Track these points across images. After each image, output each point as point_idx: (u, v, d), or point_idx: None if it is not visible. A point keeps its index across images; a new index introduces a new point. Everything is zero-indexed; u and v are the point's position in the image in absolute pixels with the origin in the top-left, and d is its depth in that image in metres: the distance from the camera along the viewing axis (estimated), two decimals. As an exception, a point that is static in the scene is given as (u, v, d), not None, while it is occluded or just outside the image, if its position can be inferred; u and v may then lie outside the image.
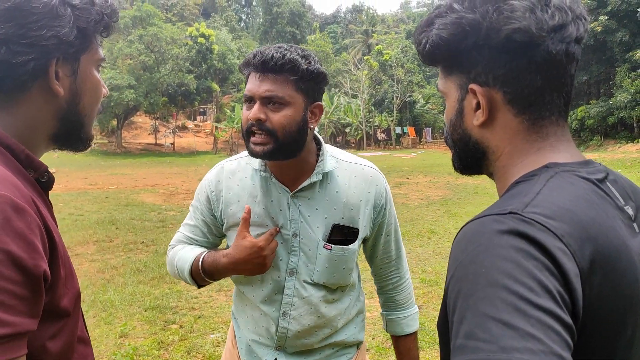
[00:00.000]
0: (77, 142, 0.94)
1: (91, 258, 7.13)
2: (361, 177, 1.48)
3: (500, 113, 0.78)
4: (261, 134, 1.31)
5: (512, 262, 0.60)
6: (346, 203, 1.45)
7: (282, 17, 63.18)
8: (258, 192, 1.46)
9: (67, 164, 28.03)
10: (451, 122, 0.85)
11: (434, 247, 7.53)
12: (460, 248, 0.68)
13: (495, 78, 0.76)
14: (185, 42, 44.91)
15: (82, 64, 0.88)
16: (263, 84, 1.31)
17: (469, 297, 0.61)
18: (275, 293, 1.47)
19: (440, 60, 0.83)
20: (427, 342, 4.09)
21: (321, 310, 1.47)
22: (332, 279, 1.46)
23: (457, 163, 0.89)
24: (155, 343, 4.19)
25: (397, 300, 1.65)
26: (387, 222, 1.54)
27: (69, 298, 0.81)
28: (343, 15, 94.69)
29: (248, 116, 1.32)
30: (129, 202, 12.84)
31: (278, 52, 1.30)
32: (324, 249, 1.43)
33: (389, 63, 45.12)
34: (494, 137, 0.80)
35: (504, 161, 0.81)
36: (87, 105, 0.92)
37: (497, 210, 0.69)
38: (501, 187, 0.82)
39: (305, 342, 1.49)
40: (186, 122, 54.67)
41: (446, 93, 0.85)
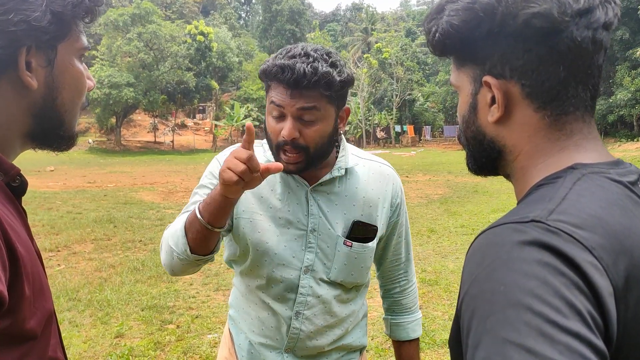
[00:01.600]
0: (57, 141, 0.85)
1: (89, 257, 7.08)
2: (379, 174, 1.46)
3: (518, 108, 0.70)
4: (293, 152, 1.26)
5: (536, 279, 0.53)
6: (365, 200, 1.41)
7: (282, 15, 63.10)
8: (276, 182, 1.39)
9: (66, 162, 27.98)
10: (464, 118, 0.78)
11: (433, 246, 7.49)
12: (475, 261, 0.60)
13: (512, 69, 0.68)
14: (185, 40, 44.79)
15: (60, 53, 0.79)
16: (295, 100, 1.23)
17: (486, 319, 0.53)
18: (287, 292, 1.39)
19: (451, 50, 0.76)
20: (427, 343, 4.04)
21: (334, 310, 1.42)
22: (349, 278, 1.41)
23: (471, 163, 0.81)
24: (152, 343, 4.14)
25: (404, 305, 1.60)
26: (400, 223, 1.51)
27: (37, 319, 0.72)
28: (342, 13, 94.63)
29: (282, 133, 1.25)
30: (128, 201, 12.78)
31: (309, 66, 1.20)
32: (344, 245, 1.38)
33: (388, 61, 45.05)
34: (511, 135, 0.72)
35: (522, 162, 0.73)
36: (67, 100, 0.82)
37: (517, 217, 0.61)
38: (520, 190, 0.74)
39: (316, 343, 1.43)
40: (185, 120, 54.57)
41: (459, 87, 0.78)
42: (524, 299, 0.52)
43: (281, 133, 1.25)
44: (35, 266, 0.73)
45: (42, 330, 0.73)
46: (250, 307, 1.47)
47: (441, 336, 4.14)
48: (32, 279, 0.70)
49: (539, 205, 0.62)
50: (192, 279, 5.92)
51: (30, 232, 0.80)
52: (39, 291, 0.73)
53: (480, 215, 9.86)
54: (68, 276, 6.09)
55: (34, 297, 0.71)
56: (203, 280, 5.87)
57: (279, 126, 1.26)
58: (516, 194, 0.76)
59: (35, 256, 0.75)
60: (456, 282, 5.57)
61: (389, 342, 4.01)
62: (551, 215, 0.59)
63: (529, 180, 0.72)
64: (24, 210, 0.81)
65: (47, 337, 0.76)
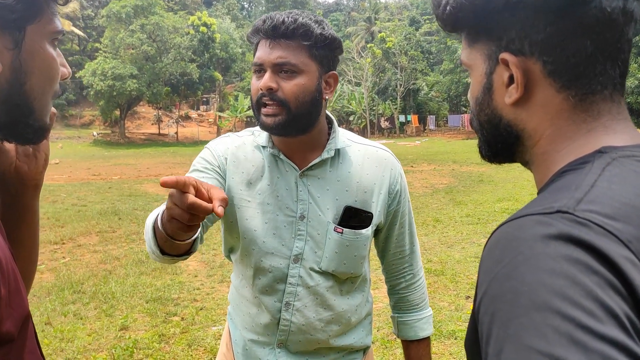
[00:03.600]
0: (26, 132, 0.78)
1: (93, 249, 7.08)
2: (375, 159, 1.39)
3: (539, 88, 0.63)
4: (272, 105, 1.22)
5: (565, 278, 0.46)
6: (359, 185, 1.34)
7: (285, 5, 62.73)
8: (265, 168, 1.34)
9: (71, 154, 28.04)
10: (477, 100, 0.70)
11: (439, 235, 7.44)
12: (494, 258, 0.53)
13: (533, 45, 0.62)
14: (187, 31, 44.65)
15: (29, 36, 0.73)
16: (274, 51, 1.22)
17: (509, 323, 0.47)
18: (277, 282, 1.33)
19: (463, 25, 0.68)
20: (434, 334, 3.98)
21: (329, 302, 1.35)
22: (341, 267, 1.34)
23: (485, 149, 0.74)
24: (156, 336, 4.12)
25: (410, 301, 1.50)
26: (401, 212, 1.43)
27: (13, 320, 0.67)
28: (346, 3, 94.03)
29: (258, 86, 1.24)
30: (132, 193, 12.79)
31: (289, 16, 1.21)
32: (335, 232, 1.31)
33: (392, 51, 44.76)
34: (531, 117, 0.65)
35: (544, 146, 0.66)
36: (37, 86, 0.76)
37: (540, 208, 0.54)
38: (540, 178, 0.67)
39: (310, 338, 1.35)
40: (189, 111, 54.53)
41: (471, 66, 0.70)
42: (552, 300, 0.45)
43: (258, 85, 1.24)
44: (11, 264, 0.69)
45: (19, 332, 0.69)
46: (242, 302, 1.42)
47: (448, 327, 4.10)
48: (7, 279, 0.66)
49: (564, 194, 0.55)
50: (197, 271, 5.90)
51: (2, 230, 0.75)
52: (16, 291, 0.69)
53: (486, 205, 9.80)
54: (73, 269, 6.08)
55: (10, 297, 0.66)
56: (208, 272, 5.85)
57: (258, 83, 1.25)
58: (536, 182, 0.69)
59: (9, 254, 0.70)
60: (462, 272, 5.53)
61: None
62: (579, 204, 0.52)
63: (551, 166, 0.65)
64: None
65: (24, 339, 0.72)
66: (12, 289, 0.67)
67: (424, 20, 61.07)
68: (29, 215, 0.95)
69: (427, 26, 57.30)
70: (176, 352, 3.86)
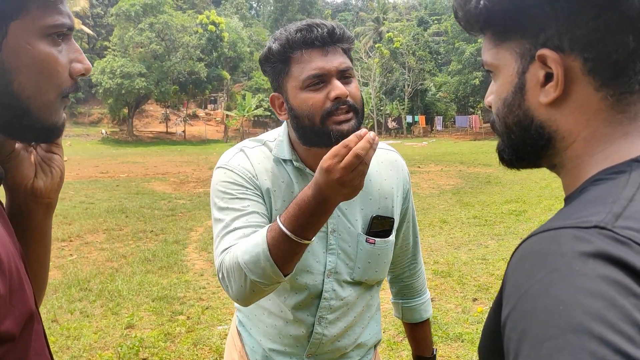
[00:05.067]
0: (27, 133, 0.76)
1: (100, 247, 7.10)
2: (388, 162, 1.39)
3: (578, 87, 0.60)
4: (346, 111, 1.17)
5: (603, 299, 0.43)
6: (380, 192, 1.35)
7: (293, 5, 62.71)
8: (293, 182, 1.29)
9: (80, 152, 28.16)
10: (506, 101, 0.66)
11: (445, 237, 7.41)
12: (525, 271, 0.50)
13: (573, 41, 0.58)
14: (196, 30, 44.74)
15: (12, 33, 0.69)
16: (334, 58, 1.18)
17: (542, 344, 0.44)
18: (312, 298, 1.31)
19: (496, 21, 0.64)
20: (440, 336, 3.98)
21: (357, 310, 1.38)
22: (373, 275, 1.35)
23: (509, 153, 0.70)
24: (162, 334, 4.13)
25: (414, 287, 1.57)
26: (408, 208, 1.46)
27: (14, 319, 0.66)
28: (354, 3, 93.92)
29: (332, 95, 1.15)
30: (140, 191, 12.83)
31: (329, 23, 1.19)
32: (367, 243, 1.31)
33: (400, 51, 44.64)
34: (567, 118, 0.62)
35: (577, 149, 0.62)
36: (29, 85, 0.72)
37: (576, 221, 0.51)
38: (570, 183, 0.64)
39: (338, 345, 1.37)
40: (197, 110, 54.64)
41: (497, 66, 0.67)
42: (589, 323, 0.42)
43: (330, 95, 1.16)
44: (14, 262, 0.67)
45: (21, 331, 0.68)
46: (264, 314, 1.38)
47: (454, 330, 4.08)
48: (8, 276, 0.64)
49: (601, 207, 0.52)
50: (203, 270, 5.91)
51: (9, 226, 0.75)
52: (19, 289, 0.67)
53: (493, 206, 9.75)
54: (80, 266, 6.11)
55: (12, 296, 0.65)
56: (214, 271, 5.82)
57: (320, 94, 1.17)
58: (565, 187, 0.66)
59: (13, 252, 0.69)
60: (469, 274, 5.50)
61: (401, 335, 3.96)
62: (618, 220, 0.49)
63: (583, 171, 0.62)
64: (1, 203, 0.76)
65: (28, 339, 0.71)
66: (15, 287, 0.66)
67: (432, 20, 60.89)
68: (39, 234, 0.90)
69: (436, 27, 57.12)
70: (182, 351, 3.86)
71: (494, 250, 6.48)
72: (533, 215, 8.67)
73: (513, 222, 8.28)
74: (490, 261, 5.92)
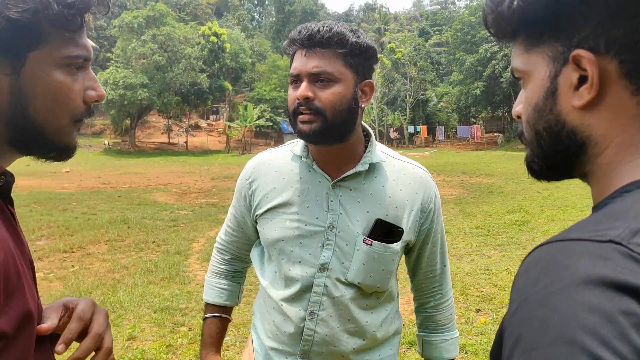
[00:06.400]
0: (44, 152, 0.82)
1: (102, 258, 7.09)
2: (411, 176, 1.38)
3: (613, 90, 0.57)
4: (309, 113, 1.23)
5: (600, 315, 0.42)
6: (392, 200, 1.33)
7: (295, 16, 63.17)
8: (296, 178, 1.36)
9: (82, 163, 28.24)
10: (536, 107, 0.63)
11: (448, 247, 7.32)
12: (530, 278, 0.49)
13: (610, 42, 0.56)
14: (198, 42, 45.03)
15: (30, 62, 0.75)
16: (310, 60, 1.23)
17: (531, 352, 0.44)
18: (303, 291, 1.34)
19: (528, 24, 0.62)
20: (443, 347, 3.95)
21: (354, 315, 1.34)
22: (368, 280, 1.33)
23: (539, 162, 0.67)
24: (164, 346, 4.10)
25: (438, 321, 1.49)
26: (434, 231, 1.42)
27: (9, 319, 0.68)
28: (356, 14, 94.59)
29: (295, 96, 1.24)
30: (142, 201, 12.83)
31: (325, 25, 1.23)
32: (364, 243, 1.31)
33: (401, 61, 44.84)
34: (600, 122, 0.58)
35: (610, 156, 0.59)
36: (43, 110, 0.78)
37: (591, 234, 0.49)
38: (600, 191, 0.61)
39: (333, 350, 1.35)
40: (199, 121, 54.82)
41: (528, 72, 0.64)
42: (581, 337, 0.42)
43: (295, 95, 1.25)
44: (13, 265, 0.70)
45: (15, 331, 0.70)
46: (268, 311, 1.43)
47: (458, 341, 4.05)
48: (3, 277, 0.67)
49: (620, 222, 0.49)
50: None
51: (16, 231, 0.78)
52: (17, 289, 0.70)
53: (496, 216, 9.73)
54: (81, 277, 6.09)
55: (6, 295, 0.68)
56: (216, 282, 5.83)
57: (295, 93, 1.25)
58: (594, 195, 0.63)
59: (13, 254, 0.72)
60: (472, 284, 5.47)
61: (404, 347, 3.93)
62: (635, 237, 0.47)
63: (614, 180, 0.59)
64: (9, 209, 0.79)
65: (27, 340, 0.73)
66: (12, 288, 0.69)
67: (433, 31, 61.19)
68: None
69: (437, 37, 57.41)
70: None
71: (496, 260, 6.45)
72: (536, 226, 8.64)
73: (516, 232, 8.26)
74: (493, 271, 5.90)
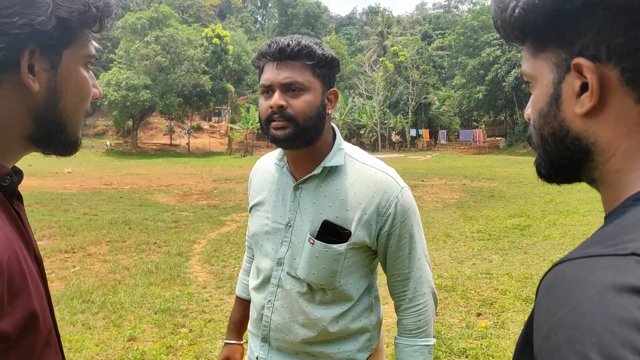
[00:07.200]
0: (59, 146, 0.86)
1: (103, 258, 7.10)
2: (369, 179, 1.41)
3: (615, 98, 0.57)
4: (282, 120, 1.32)
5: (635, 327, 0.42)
6: (344, 202, 1.40)
7: (298, 19, 63.23)
8: (272, 179, 1.52)
9: (84, 163, 28.28)
10: (541, 112, 0.64)
11: (449, 251, 7.38)
12: (557, 297, 0.49)
13: (611, 50, 0.56)
14: (201, 43, 45.11)
15: (64, 59, 0.80)
16: (281, 72, 1.33)
17: None
18: (265, 282, 1.49)
19: (531, 31, 0.63)
20: (444, 351, 3.95)
21: (302, 308, 1.43)
22: (311, 276, 1.40)
23: (546, 167, 0.67)
24: (164, 347, 4.10)
25: (405, 325, 1.49)
26: (399, 236, 1.41)
27: (12, 320, 0.68)
28: (358, 17, 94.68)
29: (269, 104, 1.33)
30: (143, 203, 12.85)
31: (293, 39, 1.33)
32: (308, 242, 1.41)
33: (404, 65, 44.88)
34: (604, 130, 0.59)
35: (618, 163, 0.59)
36: (70, 105, 0.83)
37: (612, 248, 0.49)
38: (610, 199, 0.61)
39: (285, 338, 1.45)
40: (201, 122, 54.90)
41: (534, 76, 0.65)
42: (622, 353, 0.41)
43: (269, 104, 1.33)
44: (17, 265, 0.70)
45: (20, 333, 0.69)
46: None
47: (458, 345, 4.04)
48: (7, 277, 0.67)
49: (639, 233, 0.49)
50: (206, 282, 5.89)
51: (24, 232, 0.79)
52: (23, 290, 0.70)
53: (497, 220, 9.72)
54: (82, 278, 6.10)
55: (9, 297, 0.67)
56: (217, 284, 5.83)
57: (267, 102, 1.35)
58: (605, 203, 0.63)
59: (18, 255, 0.71)
60: (473, 288, 5.46)
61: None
62: None
63: (625, 188, 0.58)
64: (16, 210, 0.79)
65: (32, 342, 0.73)
66: (15, 289, 0.68)
67: (436, 35, 61.19)
68: None
69: (439, 41, 57.41)
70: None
71: (498, 264, 6.44)
72: (537, 230, 8.63)
73: (517, 236, 8.25)
74: (494, 276, 5.89)
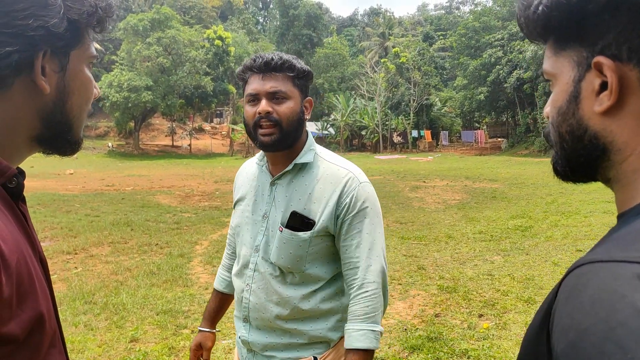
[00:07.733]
0: (64, 146, 0.87)
1: (105, 260, 7.11)
2: (334, 176, 1.60)
3: (634, 98, 0.57)
4: (269, 125, 1.52)
5: None
6: (311, 196, 1.59)
7: (299, 20, 63.21)
8: (253, 177, 1.73)
9: (86, 165, 28.33)
10: (560, 110, 0.65)
11: (451, 252, 7.37)
12: (582, 305, 0.48)
13: (633, 50, 0.56)
14: (203, 45, 45.17)
15: (72, 60, 0.82)
16: (267, 82, 1.53)
17: None
18: (244, 267, 1.68)
19: (555, 28, 0.63)
20: (446, 352, 3.94)
21: (275, 288, 1.61)
22: (280, 260, 1.59)
23: (563, 165, 0.68)
24: (166, 348, 4.11)
25: (353, 311, 1.56)
26: (353, 227, 1.56)
27: (20, 322, 0.67)
28: (360, 18, 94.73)
29: (256, 111, 1.53)
30: (145, 204, 12.86)
31: (275, 55, 1.55)
32: (278, 230, 1.60)
33: (405, 66, 44.87)
34: (622, 129, 0.59)
35: (634, 164, 0.59)
36: (76, 105, 0.84)
37: (637, 252, 0.48)
38: (625, 199, 0.61)
39: (262, 316, 1.63)
40: (203, 124, 54.96)
41: (555, 74, 0.65)
42: None
43: (256, 110, 1.53)
44: (25, 267, 0.70)
45: (27, 335, 0.69)
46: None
47: (460, 346, 4.04)
48: (15, 279, 0.67)
49: None
50: (208, 284, 5.90)
51: (29, 233, 0.79)
52: (30, 292, 0.70)
53: (499, 222, 9.71)
54: (84, 279, 6.11)
55: (18, 299, 0.67)
56: (218, 285, 5.83)
57: (253, 109, 1.54)
58: (618, 203, 0.63)
59: (26, 257, 0.72)
60: (475, 289, 5.46)
61: (407, 351, 3.93)
62: None
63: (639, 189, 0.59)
64: (21, 211, 0.79)
65: (38, 345, 0.73)
66: (23, 291, 0.68)
67: (437, 36, 61.21)
68: None
69: (441, 42, 57.43)
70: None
71: (499, 265, 6.44)
72: (539, 231, 8.62)
73: (519, 237, 8.24)
74: (496, 277, 5.88)
